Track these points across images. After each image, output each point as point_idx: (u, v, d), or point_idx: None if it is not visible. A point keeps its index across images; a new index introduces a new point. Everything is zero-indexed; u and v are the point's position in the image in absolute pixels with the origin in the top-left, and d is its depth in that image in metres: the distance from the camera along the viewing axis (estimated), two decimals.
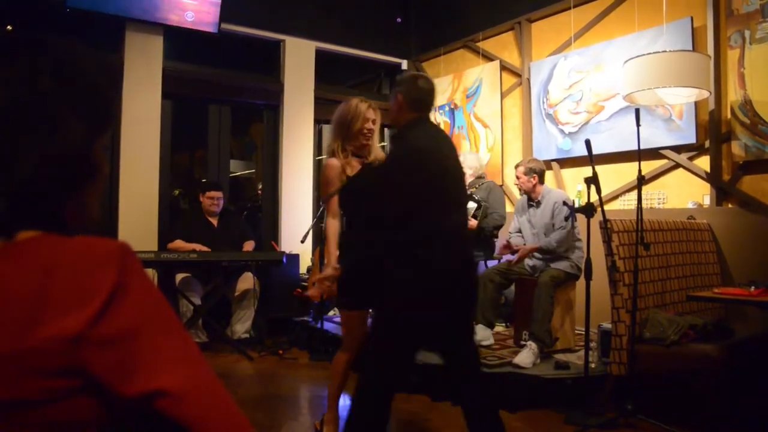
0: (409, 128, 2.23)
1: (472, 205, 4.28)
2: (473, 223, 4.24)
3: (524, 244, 3.86)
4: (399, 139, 2.27)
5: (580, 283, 3.43)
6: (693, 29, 3.89)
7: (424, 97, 2.25)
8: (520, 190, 4.02)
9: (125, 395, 0.59)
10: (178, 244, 4.49)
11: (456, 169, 2.30)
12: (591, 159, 3.00)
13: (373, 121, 2.65)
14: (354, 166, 2.60)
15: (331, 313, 5.15)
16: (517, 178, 3.88)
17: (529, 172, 3.80)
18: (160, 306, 0.63)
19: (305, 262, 5.34)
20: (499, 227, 4.23)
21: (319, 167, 5.72)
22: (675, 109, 3.99)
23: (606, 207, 3.14)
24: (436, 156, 2.19)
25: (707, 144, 3.89)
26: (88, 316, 0.57)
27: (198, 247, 4.43)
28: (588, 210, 3.04)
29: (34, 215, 0.64)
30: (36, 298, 0.57)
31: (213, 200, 4.69)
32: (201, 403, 0.61)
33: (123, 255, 0.62)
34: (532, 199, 3.87)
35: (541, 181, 3.84)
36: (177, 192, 5.98)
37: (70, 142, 0.66)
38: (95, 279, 0.59)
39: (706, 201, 3.89)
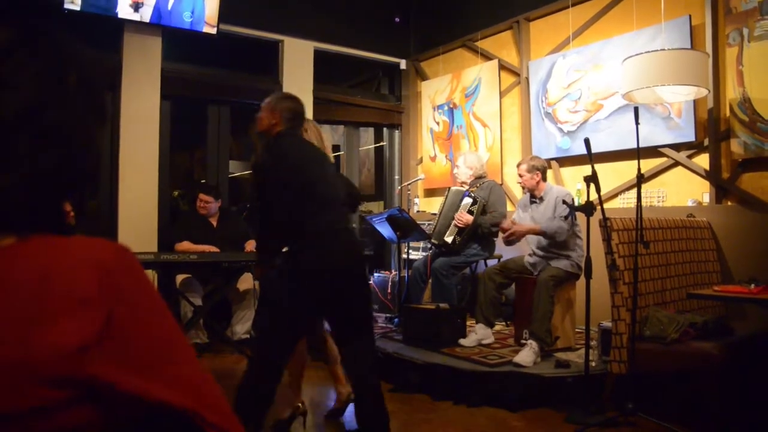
0: (280, 137, 2.53)
1: (467, 201, 4.29)
2: (468, 218, 4.25)
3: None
4: (269, 147, 2.54)
5: (580, 281, 3.43)
6: (691, 27, 3.89)
7: (298, 116, 2.60)
8: (523, 188, 4.02)
9: (123, 400, 0.58)
10: (186, 245, 4.48)
11: (328, 173, 2.57)
12: (590, 158, 3.00)
13: None
14: None
15: None
16: (520, 176, 3.88)
17: (532, 169, 3.81)
18: (159, 311, 0.63)
19: None
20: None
21: None
22: (674, 108, 3.99)
23: (605, 205, 3.14)
24: (301, 161, 2.48)
25: (706, 142, 3.89)
26: (91, 326, 0.57)
27: (207, 248, 4.42)
28: (587, 209, 3.04)
29: (42, 215, 0.64)
30: (39, 305, 0.56)
31: (202, 203, 4.69)
32: (195, 405, 0.61)
33: (125, 261, 0.61)
34: (535, 196, 3.87)
35: (544, 178, 3.85)
36: (176, 193, 5.97)
37: (85, 141, 0.67)
38: (98, 286, 0.58)
39: (706, 199, 3.89)
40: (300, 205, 2.39)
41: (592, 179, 2.97)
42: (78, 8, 4.29)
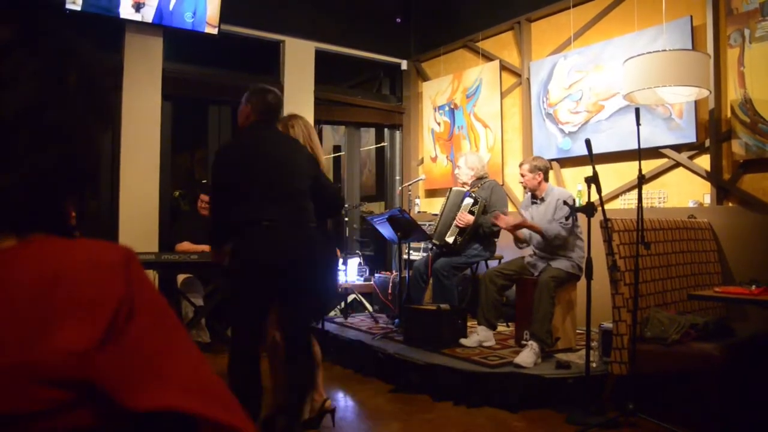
0: (246, 130, 2.56)
1: (468, 202, 4.29)
2: (469, 219, 4.25)
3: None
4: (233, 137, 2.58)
5: (581, 282, 3.43)
6: (692, 28, 3.88)
7: (270, 109, 2.60)
8: (524, 188, 4.02)
9: (132, 408, 0.58)
10: (186, 246, 4.48)
11: (285, 169, 2.53)
12: (591, 158, 3.00)
13: None
14: None
15: (332, 313, 5.15)
16: (522, 176, 3.88)
17: (534, 169, 3.81)
18: (164, 314, 0.63)
19: None
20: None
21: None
22: (675, 108, 3.98)
23: (606, 206, 3.14)
24: (254, 153, 2.50)
25: (707, 143, 3.89)
26: (96, 328, 0.56)
27: (208, 248, 4.42)
28: (588, 209, 3.04)
29: (43, 216, 0.63)
30: (42, 307, 0.56)
31: (203, 203, 4.71)
32: (204, 407, 0.61)
33: (128, 263, 0.61)
34: (536, 196, 3.87)
35: (546, 178, 3.85)
36: (177, 193, 5.97)
37: (86, 141, 0.66)
38: (102, 289, 0.58)
39: (707, 200, 3.89)
40: (242, 195, 2.43)
41: (593, 180, 2.97)
42: (79, 8, 4.29)
